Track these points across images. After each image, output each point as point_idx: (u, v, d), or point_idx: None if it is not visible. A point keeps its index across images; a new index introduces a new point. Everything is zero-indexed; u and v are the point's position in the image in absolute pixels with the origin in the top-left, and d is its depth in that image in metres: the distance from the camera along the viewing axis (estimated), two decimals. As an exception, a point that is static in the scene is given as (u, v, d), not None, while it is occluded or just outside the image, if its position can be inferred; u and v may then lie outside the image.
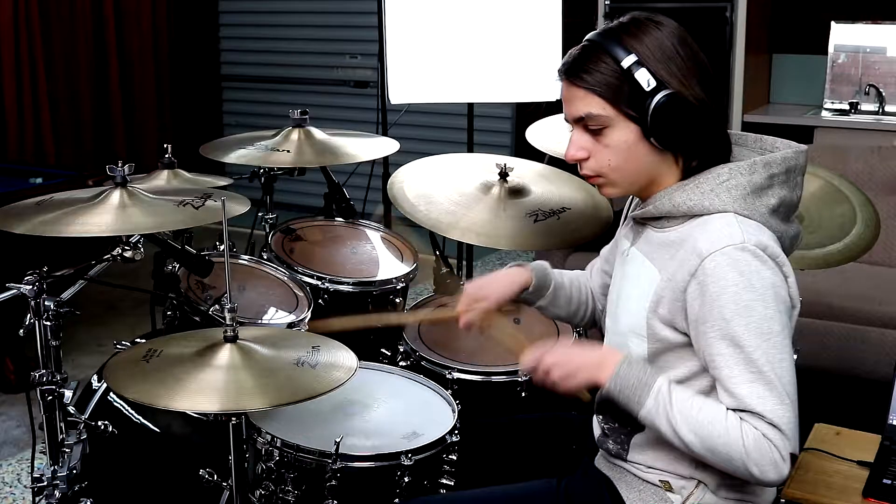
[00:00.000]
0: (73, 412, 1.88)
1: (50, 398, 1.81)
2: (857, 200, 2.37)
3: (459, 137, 4.16)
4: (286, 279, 2.47)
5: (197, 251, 2.20)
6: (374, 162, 3.25)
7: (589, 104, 1.52)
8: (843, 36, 4.37)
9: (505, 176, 2.40)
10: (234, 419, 1.74)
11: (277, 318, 2.35)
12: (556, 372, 1.55)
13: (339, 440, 1.75)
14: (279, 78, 6.18)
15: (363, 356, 1.88)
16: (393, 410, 2.00)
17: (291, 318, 2.34)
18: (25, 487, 2.84)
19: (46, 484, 1.84)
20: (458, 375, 2.15)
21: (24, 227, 1.77)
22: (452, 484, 1.88)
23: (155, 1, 5.86)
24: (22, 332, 1.80)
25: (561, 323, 2.39)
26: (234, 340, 1.67)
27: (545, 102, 2.61)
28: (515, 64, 3.26)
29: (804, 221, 2.31)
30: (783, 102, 4.68)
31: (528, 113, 2.81)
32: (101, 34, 5.55)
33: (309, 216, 2.83)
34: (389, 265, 2.66)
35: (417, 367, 2.20)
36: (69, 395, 1.84)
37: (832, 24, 4.37)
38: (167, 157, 2.57)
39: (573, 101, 1.55)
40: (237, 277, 2.42)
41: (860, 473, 2.04)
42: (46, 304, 1.77)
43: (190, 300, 2.27)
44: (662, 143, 1.52)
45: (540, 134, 2.63)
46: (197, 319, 2.22)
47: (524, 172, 2.48)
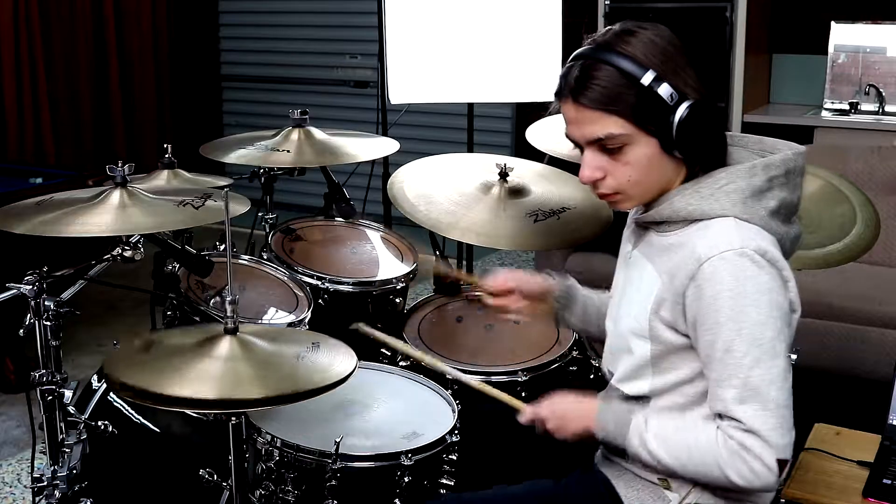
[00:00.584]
0: (73, 412, 1.88)
1: (50, 398, 1.81)
2: (857, 200, 2.37)
3: (459, 137, 4.16)
4: (286, 279, 2.47)
5: (197, 251, 2.20)
6: (374, 162, 3.25)
7: (606, 125, 1.50)
8: (843, 36, 4.37)
9: (505, 176, 2.40)
10: (233, 419, 1.74)
11: (277, 318, 2.35)
12: (549, 425, 1.66)
13: (339, 440, 1.75)
14: (279, 78, 6.18)
15: (363, 356, 1.88)
16: (393, 410, 2.00)
17: (291, 318, 2.34)
18: (25, 487, 2.84)
19: (46, 484, 1.84)
20: (460, 377, 2.15)
21: (24, 227, 1.77)
22: (452, 484, 1.88)
23: (155, 1, 5.86)
24: (22, 332, 1.80)
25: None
26: (234, 332, 1.66)
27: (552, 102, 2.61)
28: (515, 64, 3.26)
29: (804, 221, 2.30)
30: (783, 102, 4.68)
31: (528, 113, 2.81)
32: (101, 34, 5.55)
33: (309, 216, 2.83)
34: (389, 265, 2.66)
35: (417, 367, 2.20)
36: (69, 395, 1.84)
37: (832, 24, 4.37)
38: (167, 157, 2.57)
39: (584, 123, 1.52)
40: (237, 277, 2.41)
41: (860, 473, 2.04)
42: (46, 304, 1.77)
43: (190, 300, 2.27)
44: (685, 153, 1.52)
45: (540, 134, 2.63)
46: (197, 319, 2.22)
47: (524, 172, 2.48)
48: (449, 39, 3.24)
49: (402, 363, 2.22)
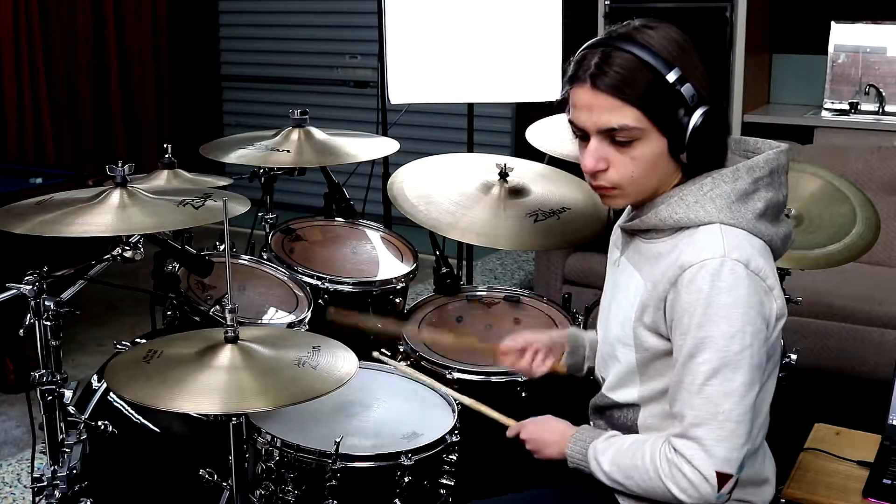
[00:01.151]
0: (73, 412, 1.88)
1: (50, 398, 1.81)
2: (857, 200, 2.37)
3: (459, 137, 4.16)
4: (286, 279, 2.47)
5: (197, 251, 2.20)
6: (374, 162, 3.25)
7: (624, 116, 1.46)
8: (843, 36, 4.37)
9: (505, 176, 2.40)
10: (234, 419, 1.74)
11: (277, 318, 2.35)
12: (529, 446, 1.71)
13: (339, 440, 1.75)
14: (279, 78, 6.18)
15: (363, 356, 1.88)
16: (393, 410, 2.00)
17: (291, 318, 2.34)
18: (25, 487, 2.84)
19: (46, 484, 1.84)
20: (458, 375, 2.15)
21: (24, 227, 1.77)
22: (452, 484, 1.88)
23: (155, 1, 5.86)
24: (22, 332, 1.80)
25: (560, 322, 2.39)
26: (234, 341, 1.67)
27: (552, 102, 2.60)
28: (515, 64, 3.26)
29: (804, 221, 2.31)
30: (783, 102, 4.68)
31: (528, 113, 2.81)
32: (101, 34, 5.55)
33: (309, 216, 2.83)
34: (389, 265, 2.66)
35: (417, 367, 2.20)
36: (69, 395, 1.84)
37: (832, 24, 4.37)
38: (167, 157, 2.57)
39: (599, 110, 1.47)
40: (237, 277, 2.42)
41: (860, 473, 2.04)
42: (46, 304, 1.77)
43: (190, 300, 2.27)
44: (692, 158, 1.49)
45: (540, 134, 2.63)
46: (197, 319, 2.22)
47: (524, 172, 2.48)
48: (449, 39, 3.24)
49: (402, 363, 2.22)
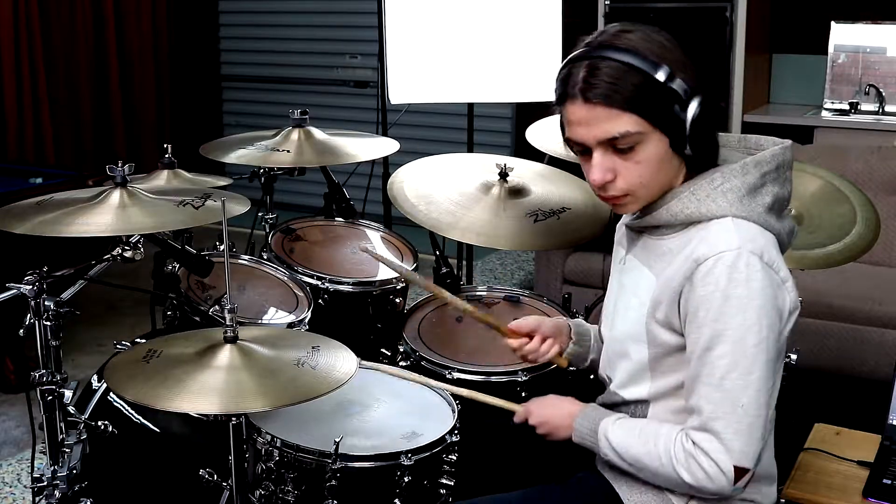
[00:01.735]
0: (73, 412, 1.88)
1: (50, 398, 1.81)
2: (857, 200, 2.37)
3: (459, 137, 4.16)
4: (286, 279, 2.47)
5: (197, 251, 2.20)
6: (374, 162, 3.25)
7: (622, 123, 1.46)
8: (843, 36, 4.37)
9: (505, 176, 2.40)
10: (234, 419, 1.74)
11: (277, 318, 2.35)
12: (540, 430, 1.71)
13: (338, 440, 1.75)
14: (279, 78, 6.18)
15: (363, 356, 1.88)
16: (393, 410, 2.00)
17: (291, 318, 2.34)
18: (25, 487, 2.84)
19: (46, 484, 1.84)
20: (458, 375, 2.15)
21: (24, 227, 1.77)
22: (452, 484, 1.88)
23: (155, 1, 5.86)
24: (22, 332, 1.80)
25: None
26: (234, 341, 1.67)
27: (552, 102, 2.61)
28: (515, 64, 3.26)
29: (804, 221, 2.31)
30: (783, 102, 4.68)
31: (528, 113, 2.81)
32: (101, 34, 5.55)
33: (309, 216, 2.83)
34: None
35: (417, 367, 2.20)
36: (69, 395, 1.84)
37: (832, 24, 4.37)
38: (167, 157, 2.57)
39: (596, 122, 1.47)
40: (237, 277, 2.42)
41: (860, 473, 2.04)
42: (46, 304, 1.77)
43: (190, 300, 2.27)
44: (696, 150, 1.49)
45: (540, 134, 2.63)
46: (197, 319, 2.22)
47: (524, 172, 2.48)
48: (449, 39, 3.24)
49: (402, 363, 2.23)
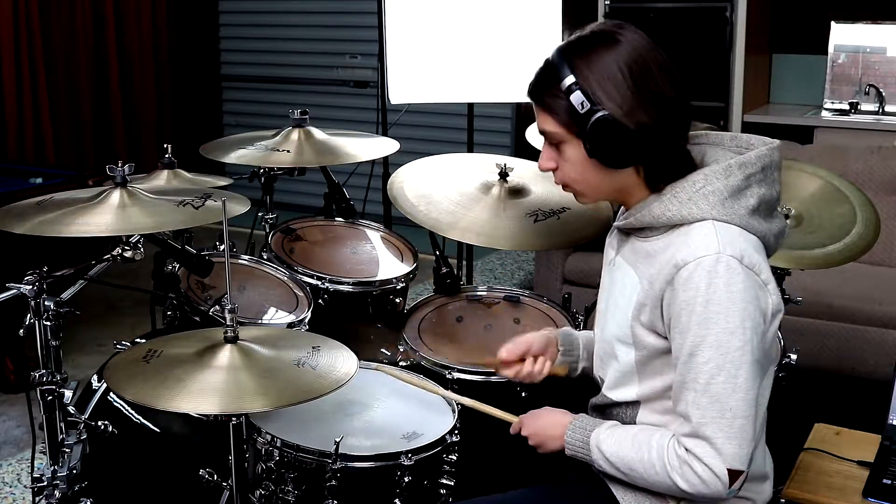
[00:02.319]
0: (73, 412, 1.88)
1: (50, 398, 1.81)
2: (857, 200, 2.37)
3: (459, 137, 4.16)
4: (286, 279, 2.47)
5: (197, 251, 2.20)
6: (374, 162, 3.25)
7: (545, 121, 1.57)
8: (843, 36, 4.37)
9: (505, 176, 2.40)
10: (234, 419, 1.74)
11: (277, 318, 2.35)
12: (531, 441, 1.71)
13: (339, 440, 1.75)
14: (279, 78, 6.18)
15: (363, 356, 1.88)
16: (393, 410, 2.00)
17: (291, 318, 2.34)
18: (25, 487, 2.84)
19: (46, 484, 1.84)
20: (458, 375, 2.15)
21: (24, 227, 1.77)
22: (452, 484, 1.88)
23: (155, 1, 5.86)
24: (22, 332, 1.80)
25: (560, 322, 2.40)
26: (234, 341, 1.67)
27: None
28: (515, 64, 3.26)
29: (804, 221, 2.31)
30: (783, 102, 4.68)
31: (528, 113, 2.81)
32: (101, 34, 5.55)
33: (309, 216, 2.83)
34: (389, 265, 2.66)
35: (417, 367, 2.20)
36: (69, 395, 1.84)
37: (832, 24, 4.37)
38: (167, 157, 2.57)
39: (538, 116, 1.60)
40: (237, 277, 2.42)
41: (860, 473, 2.04)
42: (46, 304, 1.77)
43: (190, 300, 2.27)
44: (604, 161, 1.53)
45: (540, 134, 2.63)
46: (197, 319, 2.22)
47: (524, 172, 2.48)
48: (449, 39, 3.24)
49: (402, 363, 2.22)
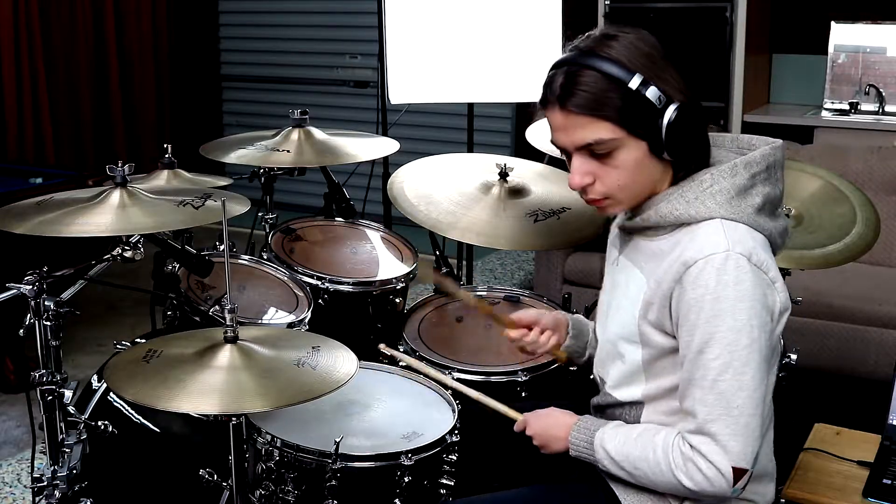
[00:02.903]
0: (73, 412, 1.88)
1: (50, 398, 1.81)
2: (857, 200, 2.38)
3: (459, 137, 4.16)
4: (286, 279, 2.47)
5: (197, 251, 2.20)
6: (374, 162, 3.25)
7: (596, 130, 1.50)
8: (843, 36, 4.37)
9: (505, 176, 2.40)
10: (234, 419, 1.74)
11: (277, 318, 2.35)
12: (536, 441, 1.71)
13: (338, 440, 1.75)
14: (279, 78, 6.18)
15: (363, 356, 1.88)
16: (393, 410, 2.00)
17: (291, 318, 2.34)
18: (25, 487, 2.84)
19: (46, 484, 1.84)
20: (458, 375, 2.15)
21: (24, 227, 1.77)
22: (452, 484, 1.88)
23: (155, 1, 5.85)
24: (22, 332, 1.80)
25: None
26: (234, 341, 1.67)
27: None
28: (515, 64, 3.26)
29: (804, 221, 2.31)
30: (783, 102, 4.68)
31: (528, 113, 2.81)
32: (101, 34, 5.55)
33: (309, 216, 2.83)
34: (389, 265, 2.66)
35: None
36: (69, 395, 1.84)
37: (832, 24, 4.37)
38: (167, 157, 2.57)
39: (573, 129, 1.52)
40: (237, 277, 2.42)
41: (860, 473, 2.05)
42: (46, 304, 1.77)
43: (190, 300, 2.27)
44: (674, 155, 1.52)
45: (540, 134, 2.63)
46: (197, 319, 2.22)
47: (524, 172, 2.48)
48: (449, 39, 3.24)
49: (402, 363, 2.22)
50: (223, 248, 1.76)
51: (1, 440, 3.20)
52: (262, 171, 2.77)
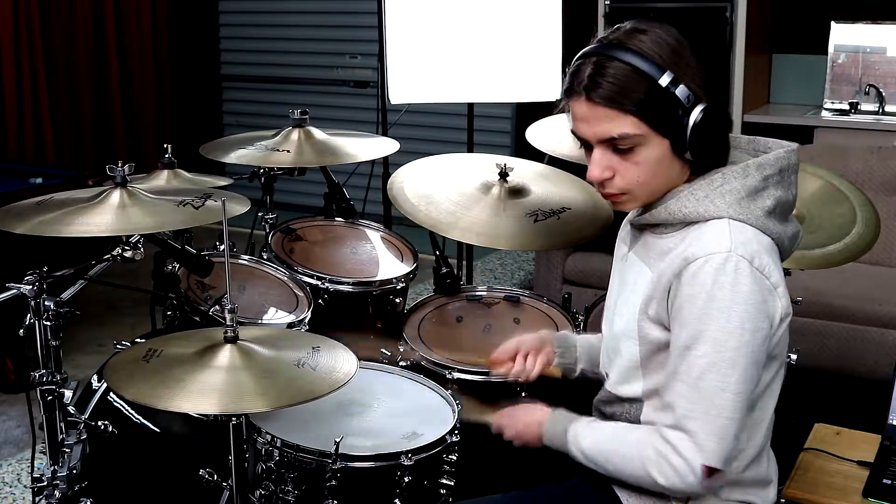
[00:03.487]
0: (73, 412, 1.88)
1: (50, 398, 1.81)
2: (857, 200, 2.38)
3: (459, 137, 4.16)
4: (286, 279, 2.47)
5: (197, 251, 2.20)
6: (374, 162, 3.25)
7: (622, 125, 1.47)
8: (843, 36, 4.37)
9: (505, 176, 2.40)
10: (234, 419, 1.74)
11: (277, 318, 2.35)
12: (507, 433, 1.73)
13: (339, 440, 1.75)
14: (279, 78, 6.18)
15: (363, 356, 1.88)
16: (393, 410, 2.00)
17: (291, 318, 2.34)
18: (25, 487, 2.84)
19: (46, 484, 1.84)
20: (458, 375, 2.15)
21: (24, 227, 1.77)
22: (452, 484, 1.88)
23: (155, 1, 5.86)
24: (22, 332, 1.80)
25: (560, 322, 2.40)
26: (234, 341, 1.67)
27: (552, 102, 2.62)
28: (515, 64, 3.26)
29: (804, 221, 2.31)
30: (783, 102, 4.68)
31: (528, 113, 2.81)
32: (101, 34, 5.55)
33: (309, 216, 2.83)
34: (389, 265, 2.66)
35: (417, 367, 2.20)
36: (69, 395, 1.84)
37: (832, 24, 4.37)
38: (167, 157, 2.57)
39: (598, 121, 1.49)
40: (237, 277, 2.42)
41: (860, 473, 2.05)
42: (46, 304, 1.77)
43: (190, 300, 2.27)
44: (697, 155, 1.51)
45: (540, 134, 2.63)
46: (197, 319, 2.22)
47: (524, 172, 2.48)
48: (449, 39, 3.24)
49: (402, 363, 2.22)
50: (223, 248, 1.76)
51: (1, 440, 3.20)
52: (262, 171, 2.77)
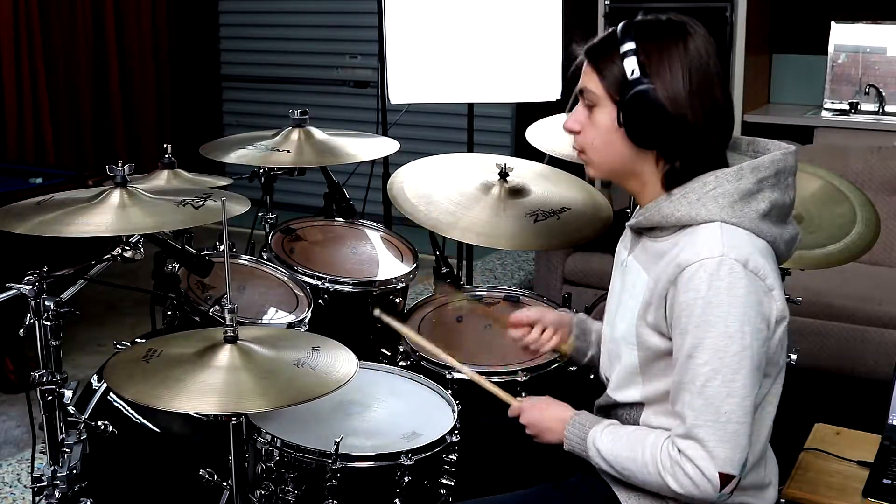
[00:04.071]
0: (73, 412, 1.88)
1: (50, 398, 1.81)
2: (857, 200, 2.38)
3: (459, 137, 4.16)
4: (286, 279, 2.47)
5: (197, 251, 2.20)
6: (374, 162, 3.25)
7: (589, 80, 1.56)
8: (843, 36, 4.37)
9: (505, 176, 2.40)
10: (234, 419, 1.74)
11: (277, 318, 2.35)
12: (529, 430, 1.73)
13: (339, 440, 1.75)
14: (279, 78, 6.18)
15: (363, 356, 1.88)
16: (393, 410, 2.00)
17: (291, 318, 2.34)
18: (25, 487, 2.84)
19: (46, 484, 1.84)
20: (458, 375, 2.15)
21: (24, 227, 1.77)
22: (452, 484, 1.88)
23: (155, 1, 5.85)
24: (22, 332, 1.80)
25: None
26: (234, 341, 1.67)
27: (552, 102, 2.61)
28: (515, 64, 3.26)
29: (804, 221, 2.31)
30: (783, 102, 4.68)
31: (528, 113, 2.81)
32: (101, 34, 5.55)
33: (309, 216, 2.83)
34: (389, 265, 2.66)
35: (417, 367, 2.20)
36: (69, 395, 1.84)
37: (832, 24, 4.37)
38: (167, 157, 2.57)
39: (584, 75, 1.59)
40: (237, 277, 2.42)
41: (860, 473, 2.05)
42: (46, 304, 1.77)
43: (190, 300, 2.27)
44: (630, 133, 1.52)
45: (540, 134, 2.63)
46: (197, 319, 2.22)
47: (524, 172, 2.48)
48: (449, 39, 3.24)
49: (402, 363, 2.23)
50: (223, 248, 1.76)
51: (1, 440, 3.20)
52: (262, 171, 2.77)
